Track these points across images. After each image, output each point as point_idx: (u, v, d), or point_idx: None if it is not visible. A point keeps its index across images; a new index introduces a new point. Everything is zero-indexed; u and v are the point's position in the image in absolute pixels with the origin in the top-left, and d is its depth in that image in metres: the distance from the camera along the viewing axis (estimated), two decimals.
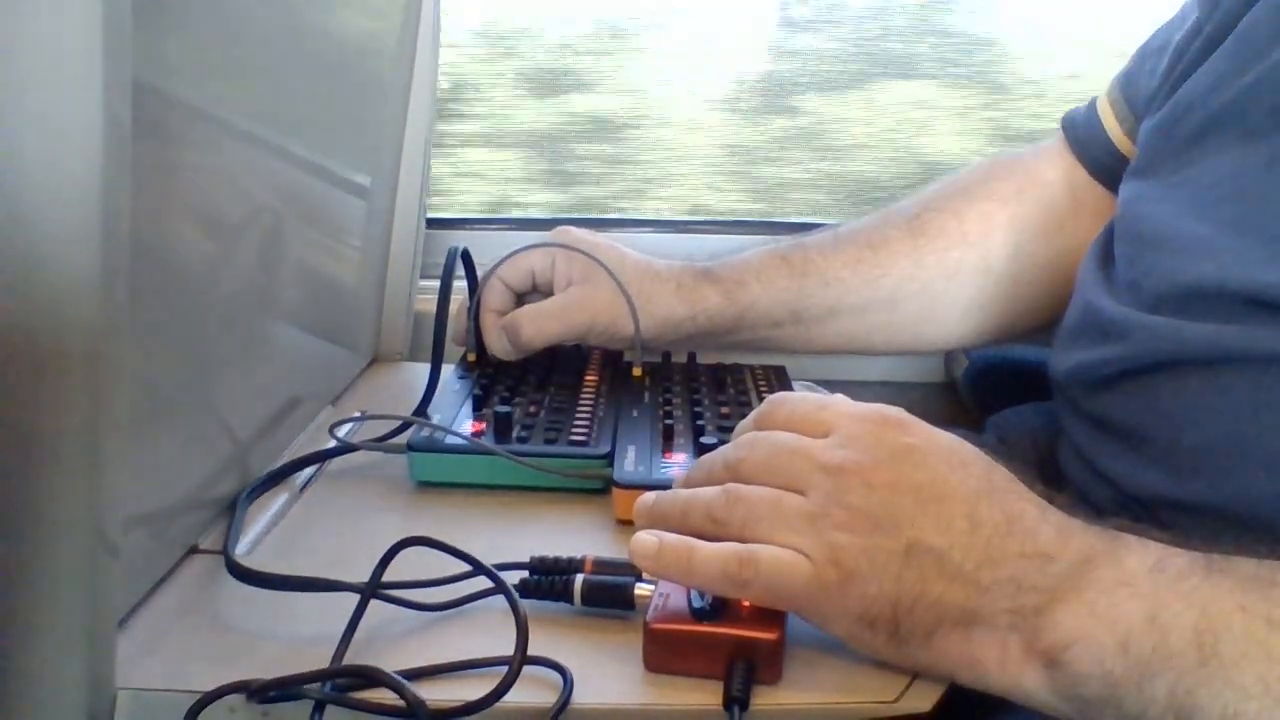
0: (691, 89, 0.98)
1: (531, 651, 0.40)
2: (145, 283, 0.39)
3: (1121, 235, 0.56)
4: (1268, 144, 0.49)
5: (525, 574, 0.46)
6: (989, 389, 0.81)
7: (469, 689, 0.38)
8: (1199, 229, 0.50)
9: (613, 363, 0.71)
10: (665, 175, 0.99)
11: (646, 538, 0.42)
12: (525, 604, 0.42)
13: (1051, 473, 0.57)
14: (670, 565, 0.41)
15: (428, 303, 0.69)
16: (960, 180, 0.72)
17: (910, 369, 0.92)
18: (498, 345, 0.69)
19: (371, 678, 0.38)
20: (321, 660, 0.40)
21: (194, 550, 0.50)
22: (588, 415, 0.62)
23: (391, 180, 0.77)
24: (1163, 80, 0.59)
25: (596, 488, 0.56)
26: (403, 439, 0.58)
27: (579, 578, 0.45)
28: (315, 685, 0.38)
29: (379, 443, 0.59)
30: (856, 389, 0.79)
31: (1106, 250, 0.58)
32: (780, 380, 0.70)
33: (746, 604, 0.41)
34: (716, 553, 0.40)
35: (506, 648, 0.39)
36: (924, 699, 0.40)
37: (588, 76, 0.97)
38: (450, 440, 0.58)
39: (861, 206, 0.98)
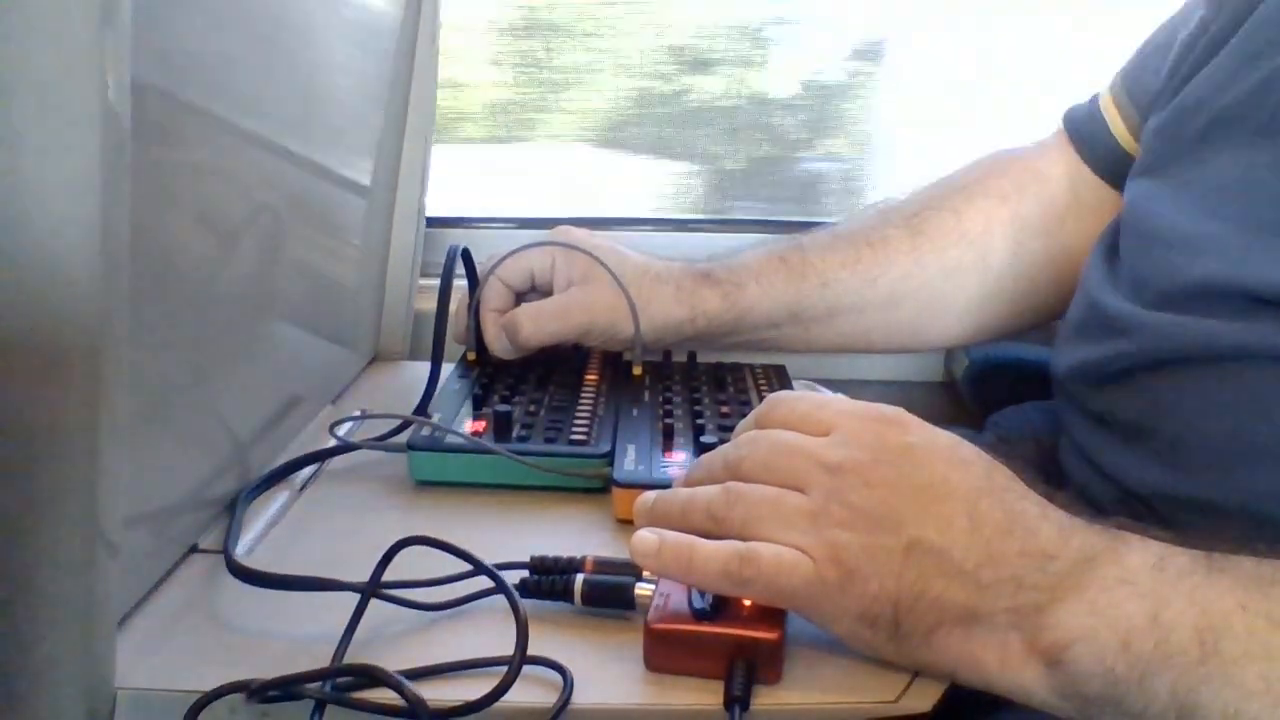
0: None
1: (532, 651, 0.40)
2: (145, 283, 0.39)
3: (1128, 232, 0.56)
4: (1276, 141, 0.49)
5: (525, 573, 0.46)
6: (989, 388, 0.81)
7: (469, 689, 0.38)
8: (1206, 227, 0.50)
9: (613, 362, 0.71)
10: None
11: (647, 535, 0.42)
12: (525, 603, 0.42)
13: (1052, 471, 0.57)
14: (671, 563, 0.41)
15: (428, 302, 0.69)
16: (959, 177, 0.72)
17: (910, 368, 0.91)
18: (497, 344, 0.69)
19: (372, 676, 0.38)
20: (322, 660, 0.40)
21: (194, 550, 0.50)
22: (588, 415, 0.62)
23: (391, 180, 0.77)
24: (1168, 79, 0.59)
25: (596, 487, 0.56)
26: (403, 438, 0.58)
27: (579, 577, 0.45)
28: (315, 685, 0.38)
29: (379, 442, 0.59)
30: (856, 388, 0.79)
31: (1112, 247, 0.58)
32: (780, 379, 0.70)
33: (747, 604, 0.41)
34: (717, 551, 0.40)
35: (506, 647, 0.39)
36: (924, 699, 0.40)
37: None
38: (450, 439, 0.57)
39: None
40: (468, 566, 0.44)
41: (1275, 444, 0.44)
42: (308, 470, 0.58)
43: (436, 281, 0.66)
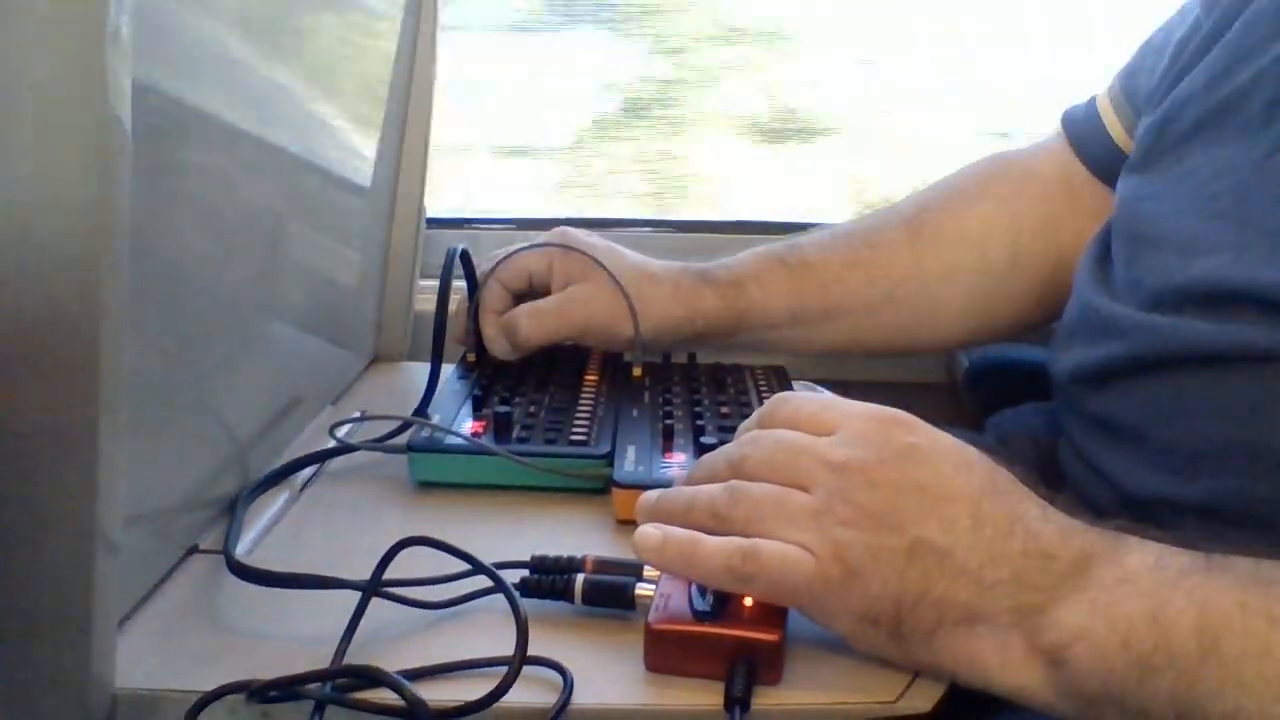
0: None
1: (532, 651, 0.40)
2: (145, 283, 0.39)
3: (1119, 233, 0.56)
4: (1264, 137, 0.49)
5: (525, 573, 0.46)
6: (989, 389, 0.81)
7: (469, 689, 0.38)
8: (1196, 225, 0.50)
9: (613, 363, 0.71)
10: None
11: (651, 531, 0.42)
12: (525, 603, 0.42)
13: (1052, 473, 0.57)
14: (674, 558, 0.41)
15: (428, 303, 0.69)
16: (958, 179, 0.72)
17: (910, 369, 0.91)
18: (497, 345, 0.69)
19: (373, 677, 0.38)
20: (322, 660, 0.40)
21: (194, 550, 0.50)
22: (588, 415, 0.62)
23: (391, 180, 0.77)
24: (1162, 78, 0.59)
25: (596, 488, 0.56)
26: (403, 439, 0.58)
27: (579, 577, 0.45)
28: (316, 685, 0.38)
29: (379, 443, 0.59)
30: (856, 389, 0.78)
31: (1104, 249, 0.58)
32: (780, 380, 0.70)
33: (748, 605, 0.41)
34: (721, 546, 0.40)
35: (507, 647, 0.39)
36: (924, 699, 0.40)
37: None
38: (450, 440, 0.57)
39: None
40: (468, 567, 0.44)
41: (1269, 446, 0.44)
42: (308, 471, 0.58)
43: (436, 283, 0.66)
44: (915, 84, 1.02)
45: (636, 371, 0.69)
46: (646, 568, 0.45)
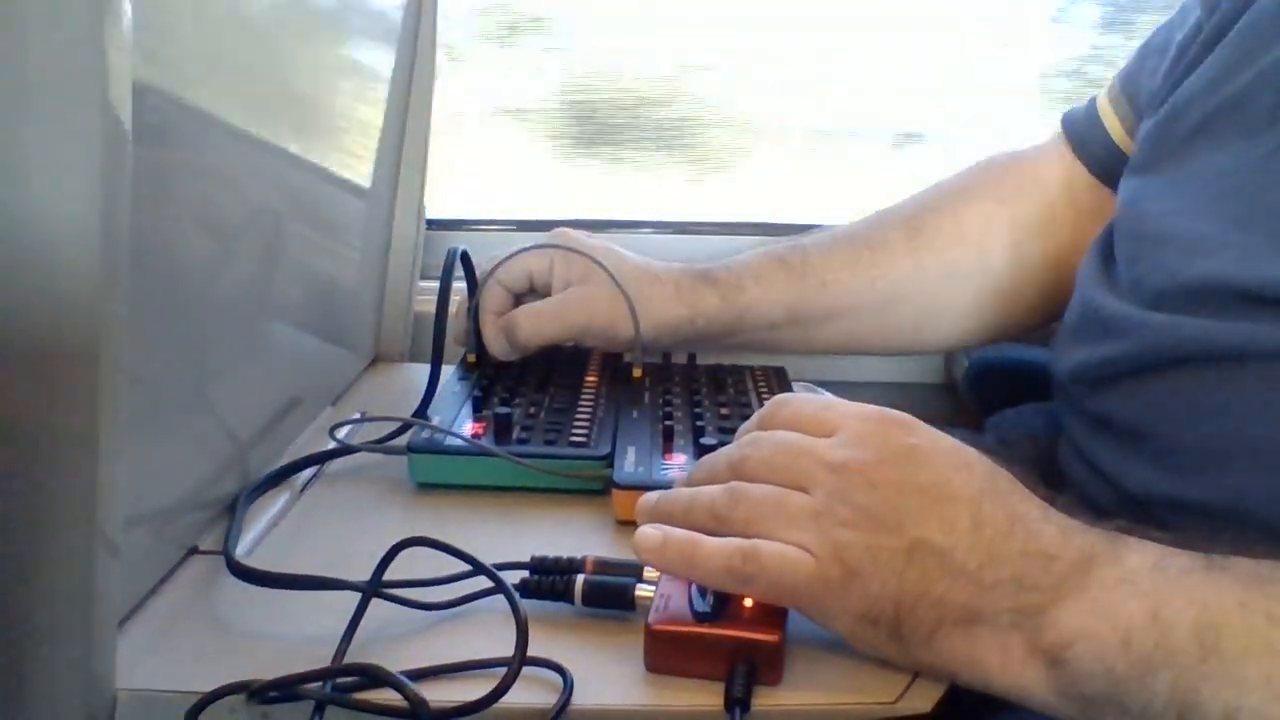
0: None
1: (532, 652, 0.40)
2: (145, 283, 0.39)
3: (1122, 234, 0.57)
4: (1267, 138, 0.49)
5: (525, 574, 0.46)
6: (989, 389, 0.81)
7: (469, 689, 0.38)
8: (1200, 225, 0.50)
9: (613, 364, 0.71)
10: None
11: (651, 532, 0.42)
12: (525, 604, 0.42)
13: (1052, 473, 0.57)
14: (674, 559, 0.41)
15: (428, 303, 0.69)
16: (959, 180, 0.72)
17: (910, 369, 0.92)
18: (496, 346, 0.69)
19: (373, 676, 0.38)
20: (322, 660, 0.40)
21: (194, 550, 0.50)
22: (587, 416, 0.62)
23: (391, 180, 0.77)
24: (1164, 79, 0.59)
25: (596, 489, 0.56)
26: (403, 440, 0.58)
27: (579, 578, 0.45)
28: (316, 685, 0.38)
29: (379, 444, 0.59)
30: (856, 389, 0.79)
31: (1107, 249, 0.58)
32: (780, 381, 0.70)
33: (748, 605, 0.41)
34: (720, 547, 0.41)
35: (507, 648, 0.39)
36: (924, 699, 0.40)
37: None
38: (450, 442, 0.57)
39: None
40: (468, 567, 0.44)
41: (1272, 445, 0.44)
42: (308, 472, 0.58)
43: (437, 284, 0.66)
44: None
45: (636, 372, 0.69)
46: (646, 569, 0.45)
